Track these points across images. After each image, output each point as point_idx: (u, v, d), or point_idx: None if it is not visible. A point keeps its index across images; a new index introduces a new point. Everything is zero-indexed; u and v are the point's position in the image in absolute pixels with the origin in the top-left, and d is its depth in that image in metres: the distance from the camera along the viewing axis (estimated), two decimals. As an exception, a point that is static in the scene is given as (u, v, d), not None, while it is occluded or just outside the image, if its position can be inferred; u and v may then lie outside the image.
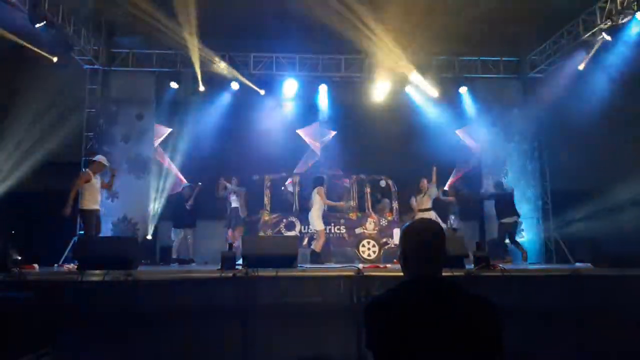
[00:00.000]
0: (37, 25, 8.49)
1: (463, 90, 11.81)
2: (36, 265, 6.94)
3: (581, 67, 10.02)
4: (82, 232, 8.39)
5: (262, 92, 11.43)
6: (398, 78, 11.55)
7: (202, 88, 11.19)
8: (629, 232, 8.61)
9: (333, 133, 12.17)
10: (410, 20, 9.67)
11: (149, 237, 10.65)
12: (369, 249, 9.63)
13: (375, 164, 11.70)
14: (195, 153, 11.47)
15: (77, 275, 5.20)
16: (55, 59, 9.45)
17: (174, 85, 11.29)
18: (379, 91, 11.56)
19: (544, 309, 5.20)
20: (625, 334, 5.05)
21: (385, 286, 2.04)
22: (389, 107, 12.04)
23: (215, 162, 11.47)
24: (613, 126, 10.37)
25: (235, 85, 11.35)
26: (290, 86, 11.55)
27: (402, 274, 2.14)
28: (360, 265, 6.48)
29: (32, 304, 4.77)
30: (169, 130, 11.77)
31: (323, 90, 11.68)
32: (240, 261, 5.92)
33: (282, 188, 10.41)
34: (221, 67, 10.88)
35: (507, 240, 9.66)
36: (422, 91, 11.65)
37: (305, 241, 9.64)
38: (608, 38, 9.21)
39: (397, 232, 9.80)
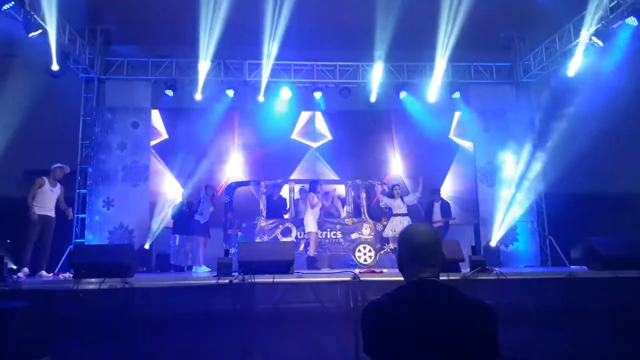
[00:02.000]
0: (32, 34, 8.50)
1: (456, 95, 11.87)
2: (21, 275, 6.82)
3: (571, 73, 10.11)
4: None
5: (260, 98, 11.42)
6: (393, 84, 11.65)
7: (198, 97, 11.19)
8: (623, 235, 8.65)
9: (328, 139, 12.20)
10: (404, 26, 9.78)
11: (147, 246, 10.57)
12: (365, 254, 9.65)
13: (370, 170, 11.77)
14: (191, 160, 11.49)
15: (72, 283, 5.19)
16: (51, 68, 9.42)
17: (169, 93, 11.29)
18: (374, 97, 11.59)
19: (540, 312, 5.24)
20: (621, 336, 5.09)
21: (381, 291, 2.06)
22: (384, 113, 12.11)
23: (212, 169, 11.51)
24: (606, 129, 10.44)
25: (230, 93, 11.36)
26: (285, 93, 11.58)
27: (398, 278, 2.16)
28: (357, 270, 6.51)
29: (27, 313, 4.75)
30: (165, 137, 11.77)
31: (318, 96, 11.71)
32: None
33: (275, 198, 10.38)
34: None
35: None
36: (416, 96, 11.72)
37: (302, 247, 9.64)
38: (599, 43, 9.30)
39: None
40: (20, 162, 10.35)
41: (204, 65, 10.80)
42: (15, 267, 7.29)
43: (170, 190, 11.42)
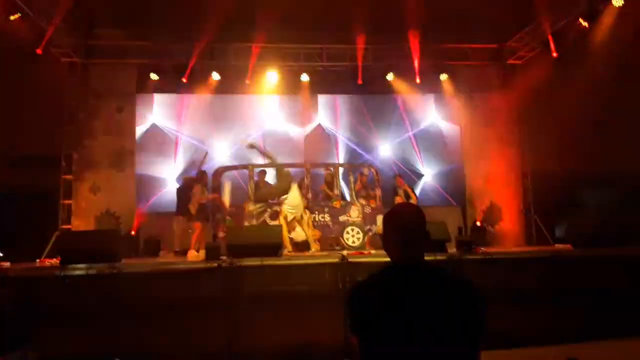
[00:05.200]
0: (12, 17, 8.33)
1: (443, 77, 11.87)
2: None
3: (556, 54, 10.15)
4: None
5: (247, 81, 11.33)
6: (380, 66, 11.63)
7: (184, 80, 11.06)
8: (606, 214, 8.78)
9: (316, 122, 12.16)
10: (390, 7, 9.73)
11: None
12: (353, 235, 9.68)
13: (358, 153, 11.79)
14: (177, 144, 11.42)
15: (59, 269, 5.17)
16: (32, 52, 9.24)
17: (154, 76, 11.15)
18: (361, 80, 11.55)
19: (525, 289, 5.33)
20: (604, 312, 5.20)
21: (370, 272, 2.07)
22: (371, 95, 12.08)
23: (198, 153, 11.44)
24: (592, 110, 10.52)
25: (216, 76, 11.26)
26: (271, 76, 11.50)
27: (385, 259, 2.16)
28: (345, 252, 6.55)
29: (13, 300, 4.73)
30: (151, 122, 11.66)
31: (305, 79, 11.63)
32: None
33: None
34: None
35: None
36: (403, 78, 11.71)
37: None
38: (585, 24, 9.32)
39: (380, 219, 9.85)
40: (3, 148, 10.18)
41: (189, 49, 10.67)
42: (1, 254, 7.16)
43: (158, 175, 11.37)
